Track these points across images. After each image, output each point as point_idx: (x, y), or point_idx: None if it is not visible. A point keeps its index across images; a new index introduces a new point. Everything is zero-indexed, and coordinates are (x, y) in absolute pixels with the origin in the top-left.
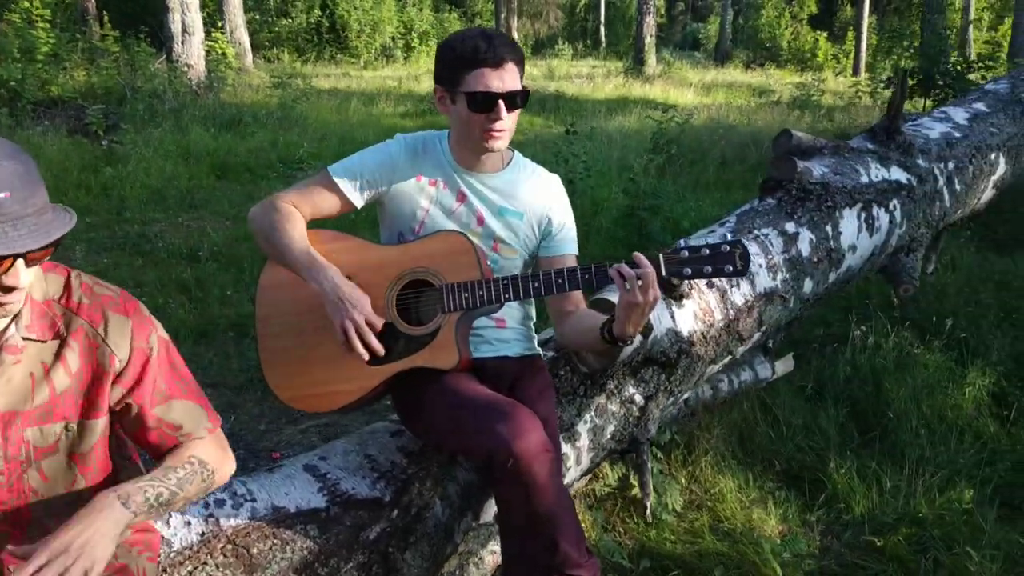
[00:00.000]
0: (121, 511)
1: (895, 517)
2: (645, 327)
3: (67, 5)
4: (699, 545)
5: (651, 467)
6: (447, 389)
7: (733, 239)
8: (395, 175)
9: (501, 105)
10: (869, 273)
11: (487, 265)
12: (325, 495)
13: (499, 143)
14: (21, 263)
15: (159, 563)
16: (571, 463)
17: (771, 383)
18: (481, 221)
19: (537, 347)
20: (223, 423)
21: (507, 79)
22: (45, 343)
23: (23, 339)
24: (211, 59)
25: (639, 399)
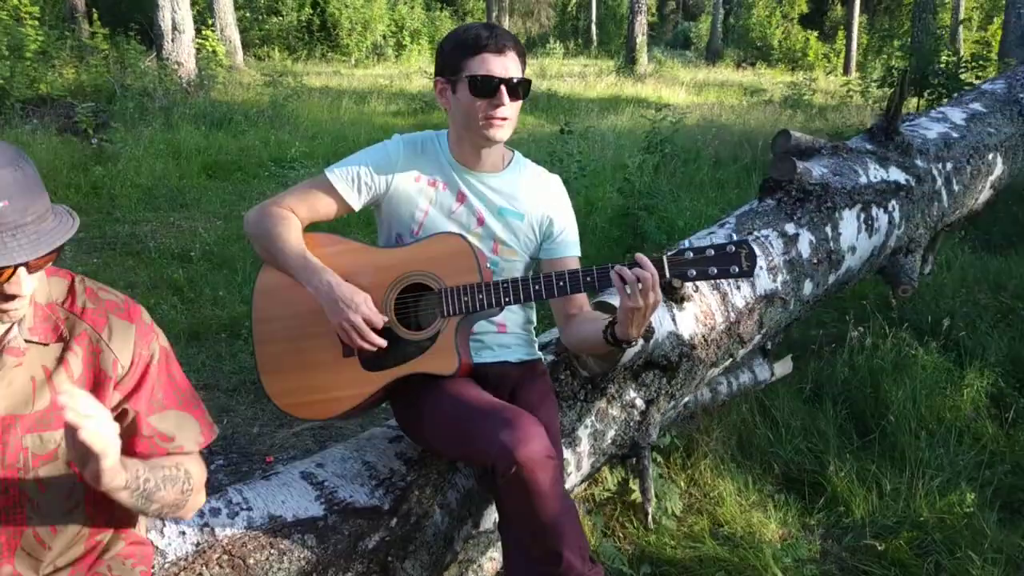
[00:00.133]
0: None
1: (896, 520)
2: (647, 330)
3: (56, 2)
4: (699, 550)
5: (651, 472)
6: (448, 395)
7: (739, 239)
8: (394, 176)
9: (503, 90)
10: (867, 274)
11: (487, 267)
12: (323, 503)
13: (501, 132)
14: (23, 271)
15: (153, 575)
16: (572, 469)
17: (769, 385)
18: (481, 222)
19: (538, 352)
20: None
21: (509, 66)
22: (47, 346)
23: (26, 342)
24: (201, 57)
25: (640, 403)
